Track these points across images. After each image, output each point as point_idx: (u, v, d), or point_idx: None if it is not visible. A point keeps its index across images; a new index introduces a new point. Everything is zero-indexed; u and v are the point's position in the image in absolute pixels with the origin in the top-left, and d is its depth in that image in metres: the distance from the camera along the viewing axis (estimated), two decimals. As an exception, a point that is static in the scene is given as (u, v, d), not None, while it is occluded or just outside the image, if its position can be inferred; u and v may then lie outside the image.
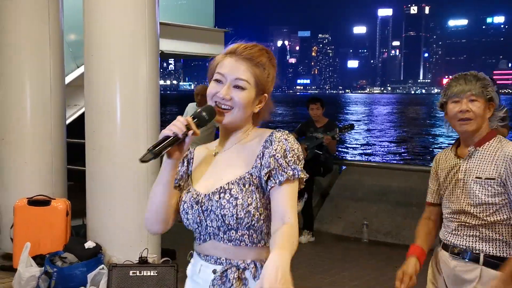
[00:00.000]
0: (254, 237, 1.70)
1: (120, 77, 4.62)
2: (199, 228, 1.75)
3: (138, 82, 4.64)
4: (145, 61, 4.64)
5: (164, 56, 7.92)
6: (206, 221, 1.72)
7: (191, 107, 7.48)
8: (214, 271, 1.72)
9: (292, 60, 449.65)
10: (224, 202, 1.67)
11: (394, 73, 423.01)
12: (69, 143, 5.73)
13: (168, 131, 1.65)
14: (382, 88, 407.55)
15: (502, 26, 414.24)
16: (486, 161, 2.43)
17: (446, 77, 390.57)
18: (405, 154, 25.76)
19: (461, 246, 2.48)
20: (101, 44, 4.61)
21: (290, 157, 1.67)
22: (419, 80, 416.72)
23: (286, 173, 1.65)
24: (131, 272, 4.27)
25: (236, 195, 1.67)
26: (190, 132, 1.67)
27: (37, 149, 5.23)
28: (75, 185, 7.38)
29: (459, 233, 2.50)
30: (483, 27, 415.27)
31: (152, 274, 4.27)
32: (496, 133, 2.49)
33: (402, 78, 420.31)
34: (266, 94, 1.78)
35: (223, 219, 1.68)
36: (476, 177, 2.43)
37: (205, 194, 1.73)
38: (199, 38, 8.30)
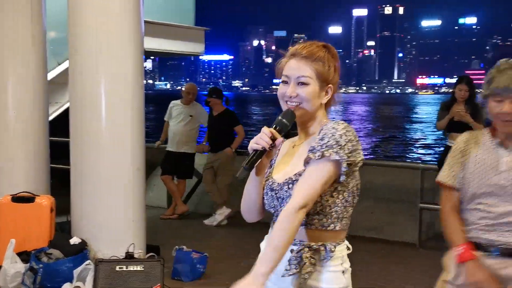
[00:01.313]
0: (324, 221, 1.89)
1: (105, 74, 4.64)
2: (275, 212, 1.96)
3: (123, 79, 4.67)
4: (130, 58, 4.67)
5: (145, 54, 7.93)
6: (280, 206, 1.91)
7: (174, 105, 7.50)
8: (292, 251, 1.88)
9: (268, 60, 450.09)
10: (293, 192, 1.84)
11: (369, 73, 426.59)
12: (50, 141, 5.71)
13: (256, 145, 1.83)
14: (358, 88, 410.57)
15: (474, 27, 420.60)
16: None
17: (420, 76, 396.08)
18: (384, 152, 26.04)
19: (498, 242, 2.28)
20: (86, 40, 4.63)
21: (326, 140, 1.81)
22: (393, 80, 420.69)
23: (313, 153, 1.81)
24: (117, 267, 4.30)
25: None
26: (278, 140, 1.84)
27: (20, 147, 5.21)
28: (57, 183, 7.36)
29: (495, 228, 2.29)
30: (456, 27, 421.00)
31: (138, 269, 4.30)
32: None
33: (377, 78, 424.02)
34: (331, 85, 1.93)
35: None
36: None
37: (278, 183, 1.93)
38: (180, 36, 8.32)
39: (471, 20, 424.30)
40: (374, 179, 6.84)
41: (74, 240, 4.56)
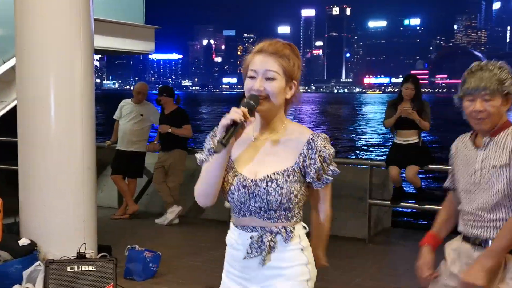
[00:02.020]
0: (289, 215, 2.04)
1: (54, 72, 4.55)
2: (241, 206, 2.05)
3: (73, 78, 4.60)
4: (80, 57, 4.60)
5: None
6: (249, 202, 2.02)
7: (125, 103, 7.42)
8: (252, 237, 2.04)
9: (218, 59, 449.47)
10: (271, 190, 1.98)
11: (318, 73, 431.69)
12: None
13: (228, 120, 1.91)
14: (307, 87, 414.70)
15: (418, 28, 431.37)
16: (500, 149, 2.40)
17: (367, 76, 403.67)
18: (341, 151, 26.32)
19: (482, 236, 2.45)
20: (35, 38, 4.53)
21: (328, 161, 2.04)
22: (341, 80, 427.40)
23: (328, 175, 2.04)
24: (68, 267, 4.22)
25: (281, 185, 1.99)
26: (251, 119, 1.93)
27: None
28: (1, 183, 7.17)
29: (478, 224, 2.46)
30: (401, 28, 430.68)
31: (90, 269, 4.24)
32: (511, 123, 2.45)
33: (325, 78, 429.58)
34: (295, 81, 2.05)
35: (267, 203, 2.00)
36: (493, 166, 2.40)
37: (252, 180, 2.02)
38: (129, 35, 8.20)
39: (415, 21, 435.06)
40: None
41: (23, 241, 4.45)
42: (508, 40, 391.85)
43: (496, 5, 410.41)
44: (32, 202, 4.63)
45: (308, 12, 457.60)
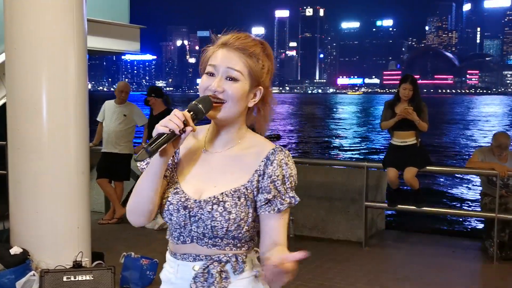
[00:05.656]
0: (238, 244, 1.69)
1: (47, 73, 4.34)
2: (181, 230, 1.68)
3: (66, 79, 4.39)
4: (73, 57, 4.39)
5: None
6: (191, 226, 1.66)
7: (108, 105, 7.23)
8: (194, 268, 1.67)
9: (192, 60, 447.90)
10: (217, 215, 1.62)
11: (292, 73, 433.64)
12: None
13: (163, 127, 1.54)
14: (281, 88, 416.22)
15: (390, 29, 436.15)
16: None
17: (340, 77, 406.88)
18: (316, 151, 26.37)
19: None
20: (25, 38, 4.31)
21: (288, 184, 1.67)
22: (315, 80, 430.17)
23: (284, 200, 1.66)
24: (65, 277, 4.04)
25: (229, 209, 1.62)
26: (188, 128, 1.57)
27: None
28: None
29: None
30: (374, 29, 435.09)
31: (87, 278, 4.07)
32: None
33: (299, 78, 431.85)
34: (261, 87, 1.68)
35: (211, 230, 1.63)
36: None
37: (195, 200, 1.65)
38: (116, 34, 8.00)
39: (388, 22, 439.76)
40: (316, 178, 6.86)
41: (15, 250, 4.24)
42: (478, 41, 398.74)
43: (466, 7, 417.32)
44: (23, 209, 4.41)
45: (281, 13, 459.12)
